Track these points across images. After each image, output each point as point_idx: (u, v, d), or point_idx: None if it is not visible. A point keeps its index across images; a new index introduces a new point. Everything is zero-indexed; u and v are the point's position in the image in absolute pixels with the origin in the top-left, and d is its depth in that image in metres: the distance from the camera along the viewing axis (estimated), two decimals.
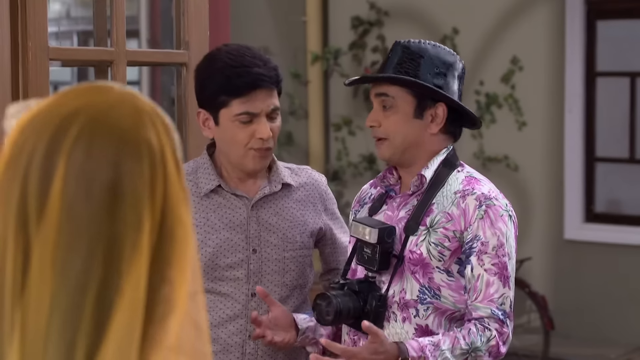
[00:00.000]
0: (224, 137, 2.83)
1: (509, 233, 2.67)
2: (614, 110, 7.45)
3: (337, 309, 2.67)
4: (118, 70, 3.02)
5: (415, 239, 2.70)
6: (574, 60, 7.36)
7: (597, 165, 7.47)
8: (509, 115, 7.61)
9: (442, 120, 2.75)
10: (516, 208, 7.18)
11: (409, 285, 2.69)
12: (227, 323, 2.86)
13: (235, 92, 2.78)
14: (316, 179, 3.03)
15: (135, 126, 1.22)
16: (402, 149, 2.74)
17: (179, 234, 1.22)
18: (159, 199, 1.21)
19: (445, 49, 2.79)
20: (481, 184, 2.73)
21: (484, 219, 2.65)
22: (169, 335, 1.20)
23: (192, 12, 3.20)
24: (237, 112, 2.78)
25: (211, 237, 2.85)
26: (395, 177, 2.82)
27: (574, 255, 7.43)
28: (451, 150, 2.81)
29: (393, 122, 2.73)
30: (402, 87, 2.72)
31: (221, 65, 2.79)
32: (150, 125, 1.23)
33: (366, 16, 8.09)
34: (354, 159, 8.17)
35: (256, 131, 2.79)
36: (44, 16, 2.84)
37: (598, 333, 7.30)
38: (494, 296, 2.64)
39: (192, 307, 1.23)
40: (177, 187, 1.23)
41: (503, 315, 2.64)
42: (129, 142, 1.21)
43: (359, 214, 2.89)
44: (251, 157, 2.82)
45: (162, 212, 1.21)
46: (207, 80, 2.82)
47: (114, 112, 1.22)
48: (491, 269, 2.64)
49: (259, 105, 2.79)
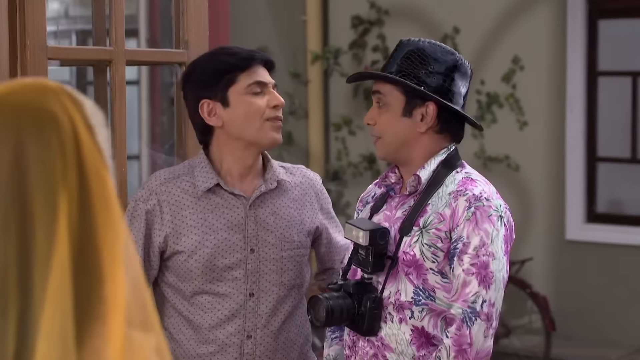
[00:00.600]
0: (237, 114, 2.85)
1: (495, 233, 2.65)
2: (616, 109, 7.44)
3: (328, 311, 2.69)
4: (117, 69, 3.02)
5: (409, 239, 2.70)
6: (576, 59, 7.35)
7: (598, 165, 7.45)
8: (510, 114, 7.60)
9: (431, 120, 2.74)
10: (517, 208, 7.35)
11: (403, 287, 2.69)
12: (225, 323, 2.86)
13: (238, 66, 2.84)
14: (311, 178, 3.05)
15: (37, 101, 1.28)
16: (394, 147, 2.76)
17: (99, 191, 1.28)
18: (72, 163, 1.27)
19: (445, 47, 2.78)
20: (475, 185, 2.71)
21: (470, 220, 2.64)
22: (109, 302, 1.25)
23: (192, 11, 3.20)
24: (249, 83, 2.85)
25: (209, 237, 2.85)
26: (397, 175, 2.82)
27: (575, 255, 7.42)
28: (452, 150, 2.79)
29: (384, 119, 2.75)
30: (393, 85, 2.74)
31: (217, 51, 2.91)
32: (54, 99, 1.29)
33: (366, 15, 8.08)
34: (354, 159, 8.16)
35: (269, 100, 2.86)
36: (43, 15, 2.84)
37: (599, 334, 7.29)
38: (468, 295, 2.61)
39: (128, 276, 1.29)
40: (92, 151, 1.29)
41: (472, 314, 2.59)
42: (30, 115, 1.27)
43: (361, 213, 2.90)
44: (268, 128, 2.86)
45: (80, 175, 1.27)
46: (206, 67, 2.87)
47: (17, 93, 1.30)
48: (469, 269, 2.61)
49: (264, 76, 2.88)
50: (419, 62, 2.73)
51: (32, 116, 1.28)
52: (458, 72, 2.76)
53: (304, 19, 8.15)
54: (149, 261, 2.87)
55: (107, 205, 1.29)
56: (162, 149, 7.22)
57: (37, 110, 1.28)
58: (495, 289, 2.62)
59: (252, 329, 2.86)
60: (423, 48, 2.75)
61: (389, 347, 2.71)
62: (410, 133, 2.74)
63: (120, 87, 3.03)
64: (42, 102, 1.29)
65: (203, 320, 2.86)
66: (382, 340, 2.72)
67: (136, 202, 2.88)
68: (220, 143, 2.91)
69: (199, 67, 2.89)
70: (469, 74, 2.80)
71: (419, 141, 2.75)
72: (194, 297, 2.86)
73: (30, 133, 1.27)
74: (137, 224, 2.85)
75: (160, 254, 2.88)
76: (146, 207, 2.86)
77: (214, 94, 2.86)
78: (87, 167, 1.28)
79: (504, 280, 2.65)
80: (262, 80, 2.86)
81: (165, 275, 2.90)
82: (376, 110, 2.77)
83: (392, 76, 2.73)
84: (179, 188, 2.88)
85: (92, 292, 1.26)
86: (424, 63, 2.73)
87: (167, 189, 2.87)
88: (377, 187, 2.91)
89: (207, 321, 2.86)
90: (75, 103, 1.31)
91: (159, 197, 2.86)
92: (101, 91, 3.14)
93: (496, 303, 2.62)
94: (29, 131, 1.27)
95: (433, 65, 2.73)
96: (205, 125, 2.90)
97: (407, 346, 2.68)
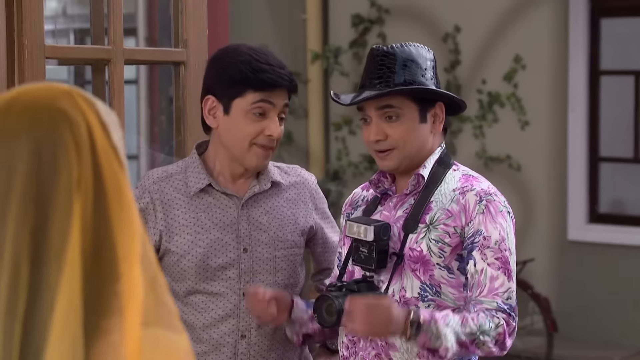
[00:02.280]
0: (232, 127, 2.83)
1: (509, 229, 2.70)
2: (618, 109, 7.45)
3: (339, 310, 2.64)
4: (115, 68, 3.01)
5: (415, 236, 2.71)
6: (578, 58, 7.35)
7: (601, 165, 7.46)
8: (512, 114, 7.60)
9: (442, 118, 2.80)
10: (519, 208, 7.34)
11: (409, 283, 2.70)
12: (218, 323, 2.86)
13: (255, 85, 2.79)
14: (306, 178, 3.04)
15: (51, 100, 1.31)
16: (412, 155, 2.76)
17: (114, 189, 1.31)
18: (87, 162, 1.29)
19: (422, 46, 2.81)
20: (479, 181, 2.76)
21: (484, 213, 2.67)
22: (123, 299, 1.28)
23: (191, 10, 3.19)
24: (256, 99, 2.79)
25: (202, 237, 2.85)
26: (389, 180, 2.84)
27: (577, 256, 7.43)
28: (444, 148, 2.84)
29: (401, 131, 2.74)
30: (403, 96, 2.73)
31: (247, 58, 2.81)
32: (68, 99, 1.32)
33: (367, 14, 8.08)
34: (354, 159, 8.17)
35: (266, 128, 2.81)
36: (40, 14, 2.84)
37: (602, 335, 7.29)
38: (499, 290, 2.64)
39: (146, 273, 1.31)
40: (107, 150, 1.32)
41: (509, 309, 2.64)
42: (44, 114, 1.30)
43: (352, 216, 2.89)
44: (254, 153, 2.83)
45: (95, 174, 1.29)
46: (228, 68, 2.82)
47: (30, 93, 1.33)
48: (494, 263, 2.65)
49: (277, 98, 2.82)
50: (414, 67, 2.75)
51: (47, 115, 1.30)
52: (433, 62, 2.81)
53: (304, 18, 8.16)
54: None
55: (123, 203, 1.31)
56: (161, 149, 7.20)
57: (51, 109, 1.30)
58: (515, 283, 2.69)
59: (246, 329, 2.86)
60: (410, 52, 2.76)
61: (393, 347, 2.70)
62: (427, 137, 2.77)
63: (118, 86, 3.02)
64: (55, 102, 1.31)
65: (197, 320, 2.86)
66: (386, 339, 2.69)
67: None
68: (215, 143, 2.91)
69: (223, 63, 2.84)
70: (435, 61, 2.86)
71: (429, 143, 2.79)
72: (188, 297, 2.86)
73: (45, 131, 1.29)
74: None
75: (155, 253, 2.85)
76: (139, 206, 2.85)
77: (221, 96, 2.84)
78: (102, 165, 1.31)
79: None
80: (270, 100, 2.80)
81: None
82: (384, 125, 2.74)
83: (419, 87, 2.73)
84: (171, 187, 2.88)
85: (107, 288, 1.28)
86: (417, 66, 2.75)
87: (160, 187, 2.88)
88: (365, 190, 2.92)
89: (201, 321, 2.86)
90: (88, 103, 1.34)
91: (152, 196, 2.86)
92: (99, 91, 3.14)
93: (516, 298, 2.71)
94: (44, 129, 1.29)
95: (422, 65, 2.76)
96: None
97: (412, 343, 2.65)
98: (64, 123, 1.30)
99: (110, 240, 1.29)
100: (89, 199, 1.28)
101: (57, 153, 1.29)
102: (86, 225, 1.28)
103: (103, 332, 1.27)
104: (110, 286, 1.28)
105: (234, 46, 2.91)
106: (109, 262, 1.28)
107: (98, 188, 1.30)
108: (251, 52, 2.83)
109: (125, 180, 1.32)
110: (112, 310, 1.28)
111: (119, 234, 1.29)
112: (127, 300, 1.28)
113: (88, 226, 1.28)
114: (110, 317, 1.27)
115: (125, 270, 1.29)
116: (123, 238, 1.30)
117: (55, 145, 1.29)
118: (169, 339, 1.33)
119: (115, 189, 1.31)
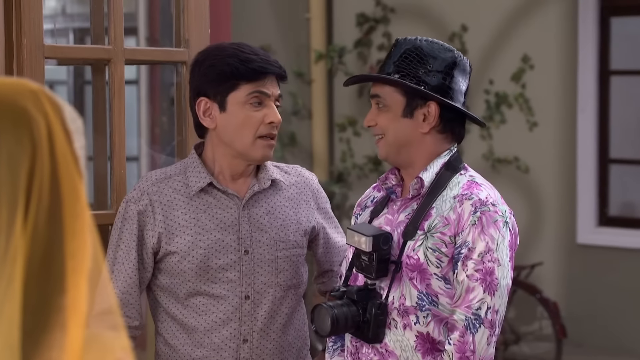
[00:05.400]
0: (231, 122, 2.84)
1: (500, 239, 2.66)
2: (629, 110, 7.43)
3: (333, 320, 2.70)
4: (116, 68, 3.02)
5: (412, 243, 2.71)
6: (587, 58, 7.32)
7: (610, 167, 7.44)
8: (520, 115, 7.59)
9: (434, 119, 2.75)
10: (527, 211, 7.29)
11: (407, 291, 2.70)
12: (220, 327, 2.86)
13: (247, 75, 2.82)
14: (307, 177, 3.05)
15: (13, 97, 1.28)
16: (396, 147, 2.76)
17: (70, 199, 1.28)
18: (44, 166, 1.26)
19: (443, 45, 2.79)
20: (481, 189, 2.72)
21: (476, 225, 2.66)
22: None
23: (192, 9, 3.21)
24: (250, 91, 2.82)
25: (202, 238, 2.85)
26: (397, 178, 2.83)
27: (587, 260, 7.40)
28: (455, 152, 2.80)
29: (385, 119, 2.76)
30: (392, 87, 2.75)
31: (232, 51, 2.85)
32: (33, 99, 1.29)
33: (372, 13, 8.09)
34: (359, 161, 8.18)
35: (266, 115, 2.84)
36: (40, 13, 2.86)
37: (612, 341, 7.27)
38: (472, 302, 2.63)
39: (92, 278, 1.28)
40: (67, 157, 1.29)
41: (475, 320, 2.62)
42: (4, 110, 1.27)
43: (360, 217, 2.90)
44: (259, 145, 2.85)
45: (52, 181, 1.26)
46: (216, 65, 2.84)
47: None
48: (474, 275, 2.63)
49: (270, 87, 2.86)
50: (417, 61, 2.74)
51: (7, 111, 1.28)
52: (457, 69, 2.77)
53: (308, 17, 8.16)
54: (143, 263, 2.87)
55: (77, 214, 1.29)
56: (162, 150, 7.16)
57: (12, 106, 1.28)
58: (499, 295, 2.65)
59: (248, 333, 2.86)
60: (420, 46, 2.76)
61: (393, 354, 2.71)
62: (412, 134, 2.75)
63: (119, 86, 3.03)
64: (18, 100, 1.29)
65: (198, 323, 2.85)
66: (386, 346, 2.72)
67: (127, 203, 2.89)
68: (213, 144, 2.91)
69: (209, 62, 2.86)
70: (468, 70, 2.82)
71: (421, 142, 2.76)
72: (188, 299, 2.86)
73: (4, 127, 1.27)
74: (130, 225, 2.86)
75: (154, 256, 2.88)
76: (138, 208, 2.86)
77: (214, 95, 2.86)
78: (60, 172, 1.28)
79: (508, 287, 2.68)
80: (264, 91, 2.84)
81: (158, 279, 2.89)
82: (375, 112, 2.78)
83: (390, 77, 2.74)
84: (170, 188, 2.88)
85: (52, 300, 1.26)
86: (422, 62, 2.74)
87: (158, 189, 2.88)
88: (377, 190, 2.92)
89: (202, 324, 2.85)
90: (54, 106, 1.31)
91: (150, 198, 2.87)
92: (100, 91, 3.17)
93: (500, 310, 2.65)
94: (3, 125, 1.27)
95: (432, 64, 2.74)
96: (200, 122, 2.92)
97: (412, 353, 2.68)
98: (23, 122, 1.28)
99: (60, 251, 1.26)
100: (43, 207, 1.26)
101: (12, 150, 1.26)
102: (38, 234, 1.25)
103: (43, 347, 1.25)
104: (55, 299, 1.26)
105: (214, 45, 2.95)
106: (56, 274, 1.26)
107: (54, 196, 1.27)
108: (234, 46, 2.88)
109: (82, 190, 1.30)
110: (54, 325, 1.26)
111: (70, 246, 1.27)
112: (71, 315, 1.26)
113: (40, 235, 1.25)
114: (52, 332, 1.25)
115: (71, 284, 1.27)
116: (74, 250, 1.27)
117: (10, 142, 1.27)
118: (105, 338, 1.31)
119: (72, 199, 1.28)
